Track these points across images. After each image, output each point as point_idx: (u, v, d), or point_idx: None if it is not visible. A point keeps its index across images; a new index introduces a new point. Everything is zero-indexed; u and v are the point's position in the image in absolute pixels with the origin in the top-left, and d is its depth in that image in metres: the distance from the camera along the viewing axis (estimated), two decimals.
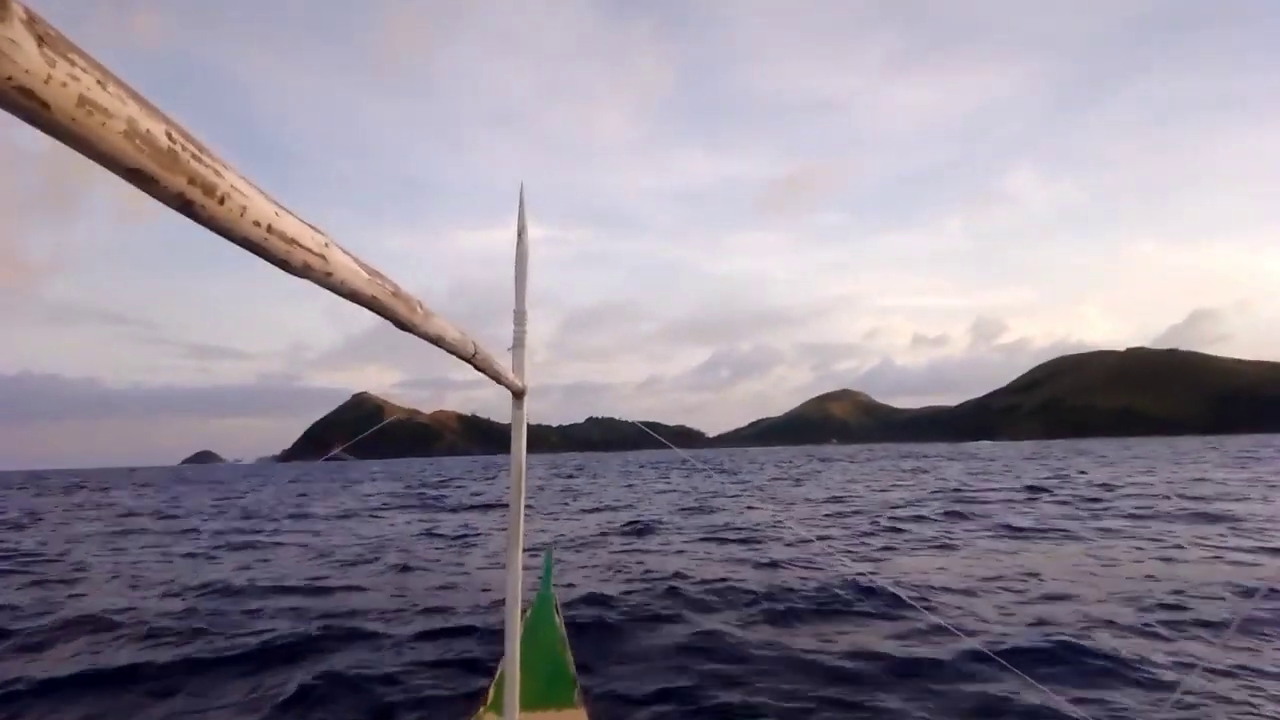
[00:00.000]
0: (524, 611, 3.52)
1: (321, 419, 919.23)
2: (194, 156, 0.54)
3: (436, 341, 1.18)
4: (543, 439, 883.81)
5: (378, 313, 0.90)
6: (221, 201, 0.55)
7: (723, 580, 7.10)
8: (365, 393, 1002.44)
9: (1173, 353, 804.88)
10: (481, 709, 3.49)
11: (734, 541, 9.78)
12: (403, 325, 1.00)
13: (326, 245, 0.71)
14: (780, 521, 11.10)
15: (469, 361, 1.47)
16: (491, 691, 3.56)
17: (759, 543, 9.51)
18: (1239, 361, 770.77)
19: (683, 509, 14.85)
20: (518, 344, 2.39)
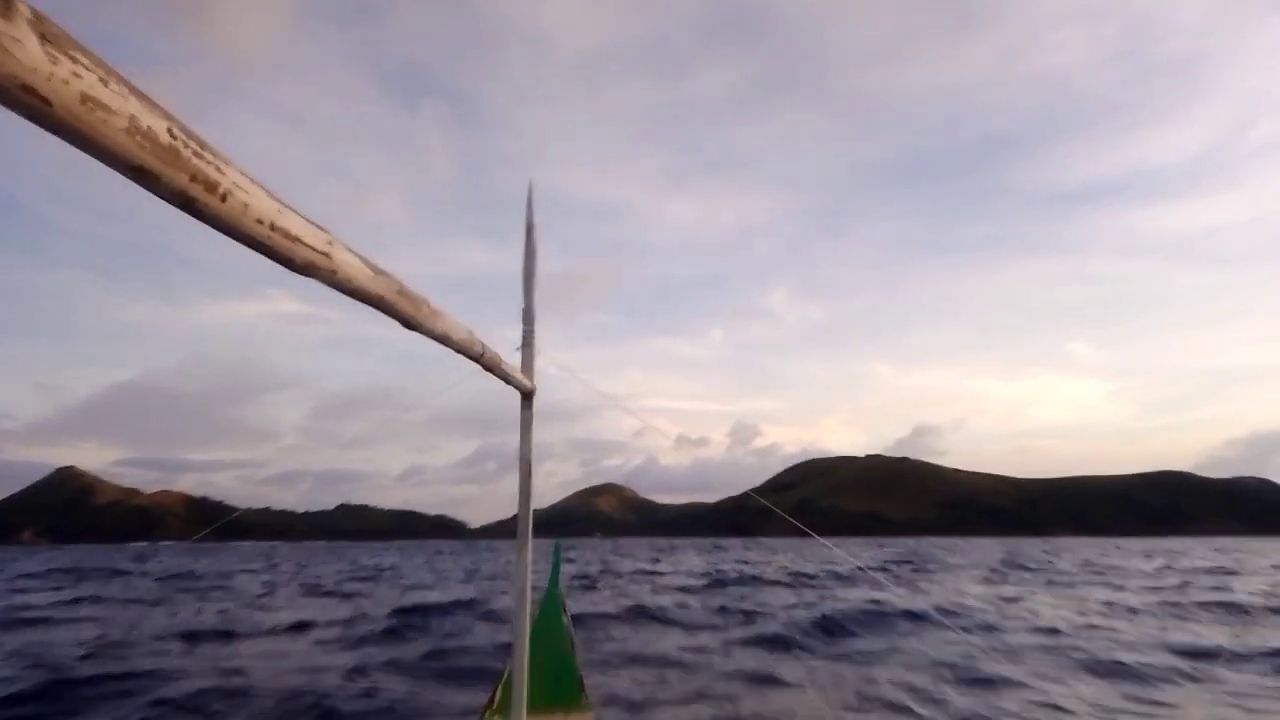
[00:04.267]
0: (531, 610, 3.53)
1: (10, 496, 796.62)
2: (195, 153, 0.55)
3: (443, 340, 1.19)
4: (288, 526, 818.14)
5: (384, 311, 0.91)
6: (224, 199, 0.56)
7: None
8: (72, 468, 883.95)
9: (905, 461, 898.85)
10: (487, 711, 3.44)
11: None
12: (409, 324, 1.01)
13: (331, 243, 0.72)
14: None
15: (476, 361, 1.48)
16: (498, 693, 3.49)
17: None
18: (959, 471, 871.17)
19: None
20: (526, 343, 2.38)
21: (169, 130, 0.54)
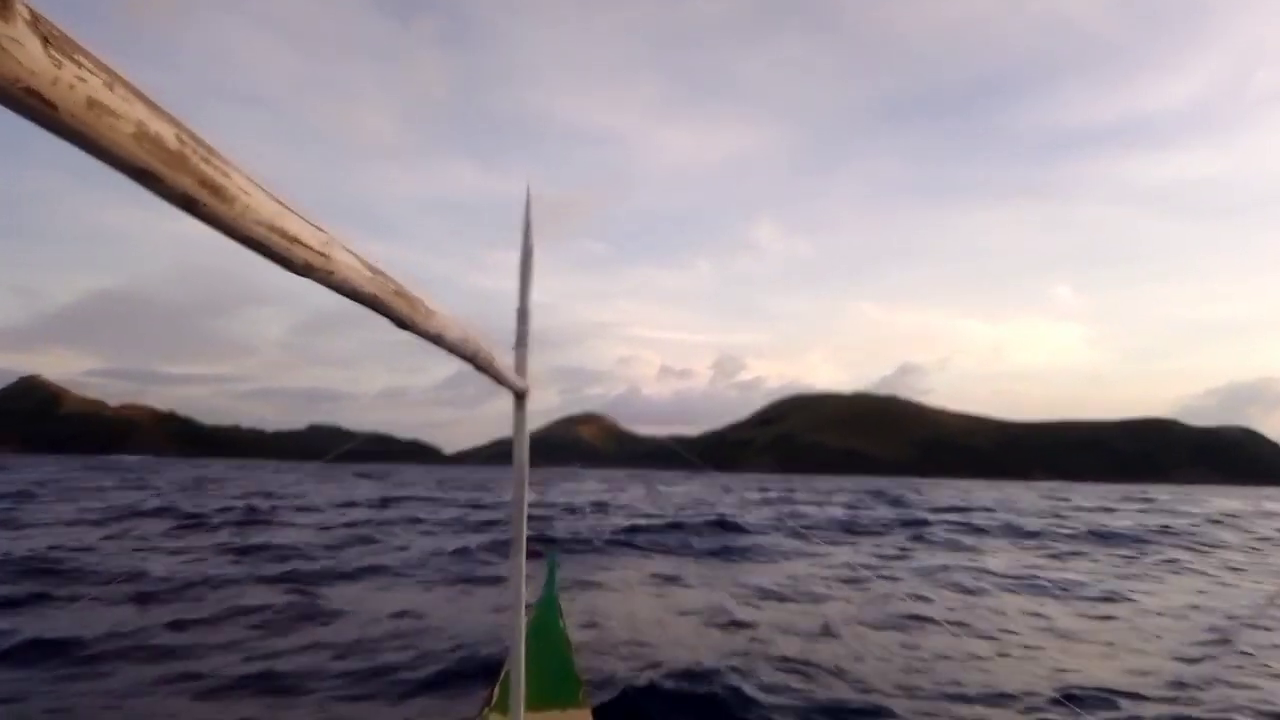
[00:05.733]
0: (528, 613, 3.57)
1: None
2: (203, 158, 0.55)
3: (437, 340, 1.19)
4: (254, 445, 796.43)
5: (380, 311, 0.92)
6: (225, 200, 0.57)
7: None
8: (37, 377, 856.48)
9: (893, 399, 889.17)
10: (486, 710, 3.53)
11: None
12: (403, 324, 1.01)
13: (329, 244, 0.73)
14: None
15: (470, 361, 1.48)
16: (496, 692, 3.59)
17: None
18: (942, 411, 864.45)
19: None
20: (520, 344, 2.38)
21: (177, 136, 0.54)
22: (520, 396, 2.32)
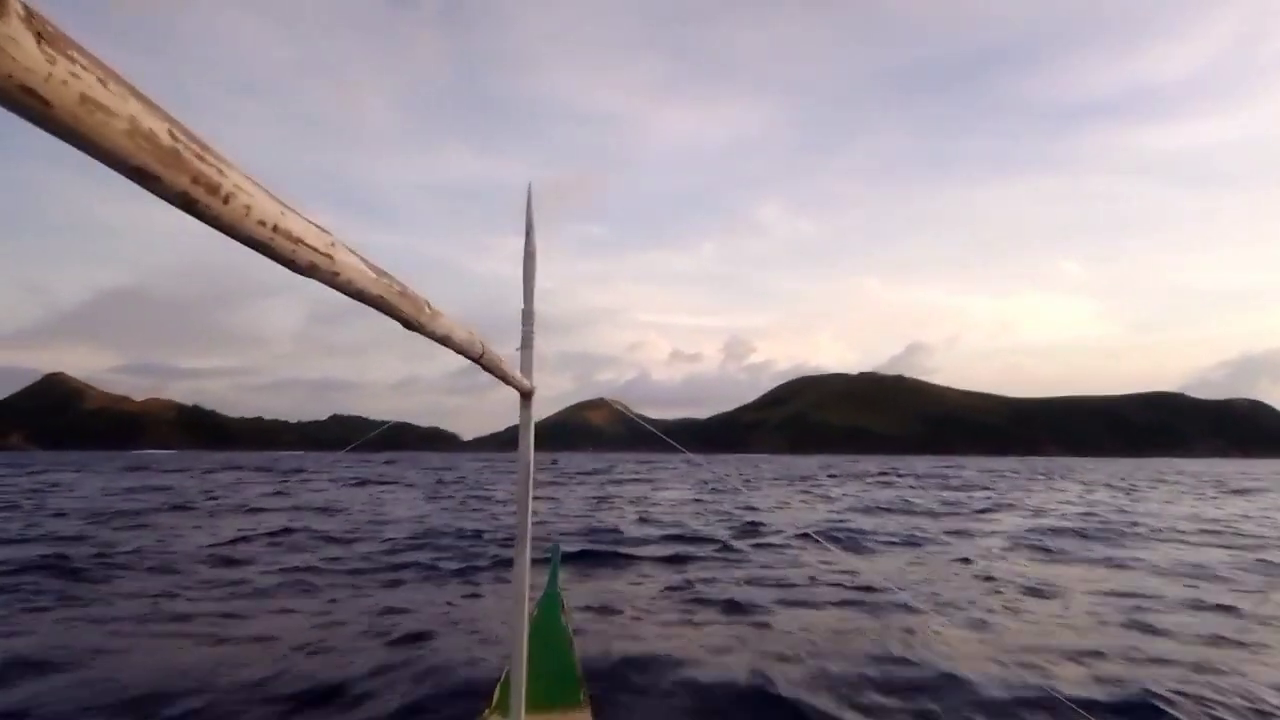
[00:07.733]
0: (530, 611, 3.41)
1: None
2: (197, 155, 0.55)
3: (444, 341, 1.20)
4: (277, 436, 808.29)
5: (384, 312, 0.93)
6: (226, 201, 0.57)
7: None
8: (61, 374, 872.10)
9: (900, 378, 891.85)
10: (486, 710, 3.48)
11: None
12: (410, 325, 1.02)
13: (333, 245, 0.73)
14: None
15: (476, 361, 1.50)
16: (497, 692, 3.56)
17: None
18: (948, 389, 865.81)
19: None
20: (526, 344, 2.41)
21: (170, 132, 0.53)
22: (526, 396, 2.35)
